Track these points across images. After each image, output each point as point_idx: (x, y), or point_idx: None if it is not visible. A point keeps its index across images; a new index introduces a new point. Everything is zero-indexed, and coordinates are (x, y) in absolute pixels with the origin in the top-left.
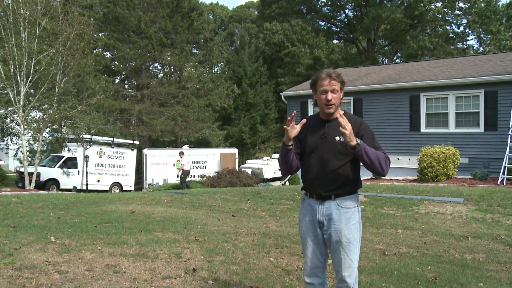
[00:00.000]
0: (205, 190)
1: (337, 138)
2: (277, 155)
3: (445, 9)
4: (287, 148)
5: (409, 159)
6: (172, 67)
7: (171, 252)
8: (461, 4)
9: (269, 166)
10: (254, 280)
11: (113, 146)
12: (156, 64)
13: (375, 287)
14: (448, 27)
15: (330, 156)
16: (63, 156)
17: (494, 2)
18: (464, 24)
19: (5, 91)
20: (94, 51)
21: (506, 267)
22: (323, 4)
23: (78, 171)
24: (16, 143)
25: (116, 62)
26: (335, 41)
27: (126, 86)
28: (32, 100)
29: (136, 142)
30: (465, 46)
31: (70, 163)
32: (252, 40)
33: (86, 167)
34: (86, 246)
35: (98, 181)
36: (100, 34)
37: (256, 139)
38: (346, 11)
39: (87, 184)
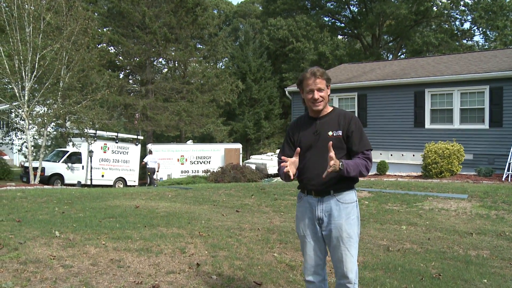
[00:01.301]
0: (209, 185)
1: (330, 133)
2: None
3: (451, 5)
4: (292, 179)
5: (414, 155)
6: (176, 62)
7: (175, 247)
8: (467, 0)
9: (273, 161)
10: (258, 275)
11: (117, 141)
12: (160, 59)
13: (379, 283)
14: (453, 23)
15: (326, 152)
16: (68, 151)
17: None
18: (470, 20)
19: (10, 86)
20: (99, 46)
21: (511, 263)
22: None
23: (83, 166)
24: (21, 138)
25: (120, 57)
26: (339, 37)
27: (131, 81)
28: (37, 95)
29: (141, 137)
30: (470, 43)
31: (75, 158)
32: (257, 36)
33: (91, 162)
34: (91, 240)
35: (103, 176)
36: (105, 29)
37: (260, 135)
38: (351, 6)
39: (91, 179)
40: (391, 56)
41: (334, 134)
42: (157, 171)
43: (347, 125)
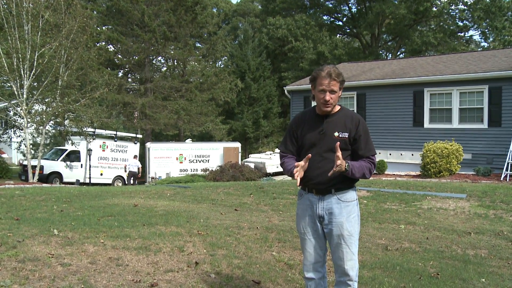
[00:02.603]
0: (208, 184)
1: (336, 134)
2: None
3: (450, 5)
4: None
5: (412, 155)
6: (175, 60)
7: (173, 246)
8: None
9: (272, 160)
10: (256, 274)
11: (116, 139)
12: (159, 58)
13: (377, 282)
14: (452, 22)
15: (330, 152)
16: (66, 149)
17: None
18: (469, 20)
19: (8, 84)
20: (97, 44)
21: (509, 263)
22: None
23: (81, 164)
24: (19, 136)
25: (119, 56)
26: (338, 36)
27: (130, 79)
28: (35, 93)
29: (139, 136)
30: (468, 37)
31: (73, 156)
32: (256, 35)
33: (89, 160)
34: (89, 239)
35: (101, 174)
36: (104, 28)
37: (259, 134)
38: (350, 5)
39: (90, 178)
40: (390, 56)
41: (340, 136)
42: (139, 175)
43: (354, 129)
